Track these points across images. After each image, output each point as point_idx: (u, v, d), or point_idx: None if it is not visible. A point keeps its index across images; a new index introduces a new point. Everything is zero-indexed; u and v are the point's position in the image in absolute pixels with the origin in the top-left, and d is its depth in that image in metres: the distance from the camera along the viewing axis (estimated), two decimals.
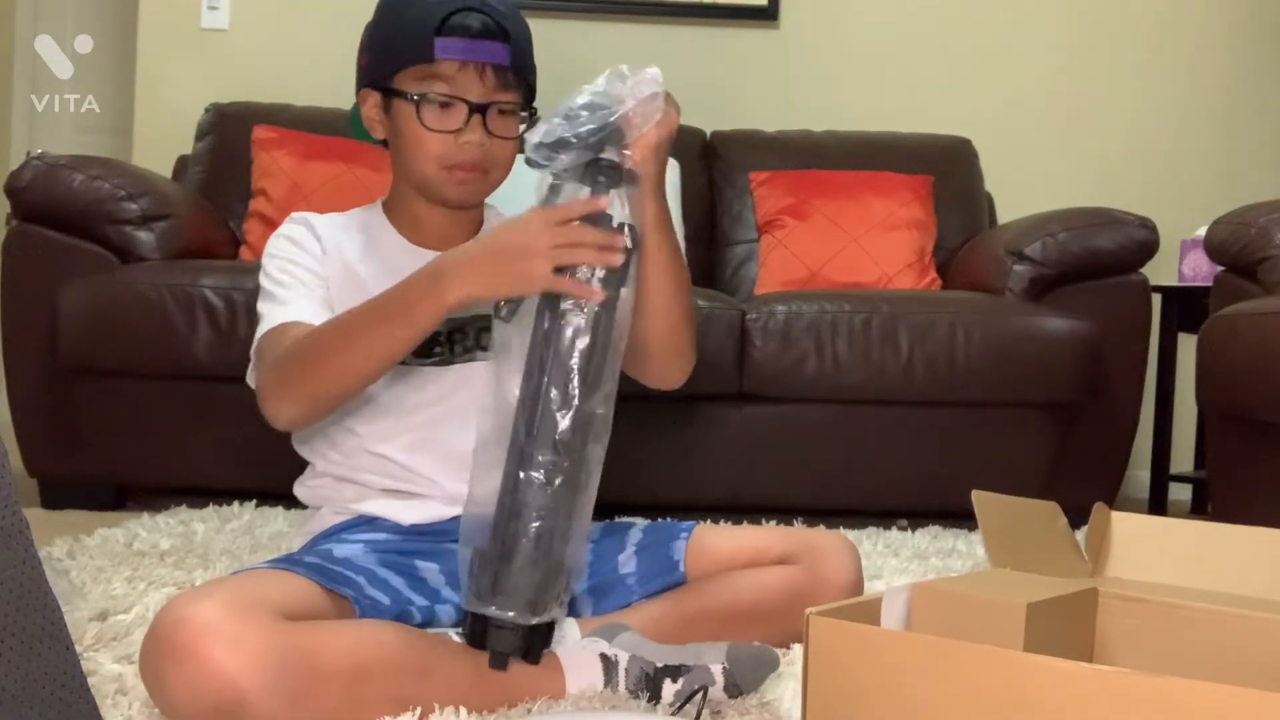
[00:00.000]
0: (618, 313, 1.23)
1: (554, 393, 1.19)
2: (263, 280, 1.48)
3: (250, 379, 1.44)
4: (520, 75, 1.44)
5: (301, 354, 1.35)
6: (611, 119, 1.23)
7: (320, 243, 1.49)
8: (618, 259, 1.23)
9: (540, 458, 1.19)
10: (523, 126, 1.46)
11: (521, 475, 1.19)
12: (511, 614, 1.18)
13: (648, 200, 1.31)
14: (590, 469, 1.21)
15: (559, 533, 1.19)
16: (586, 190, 1.25)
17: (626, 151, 1.26)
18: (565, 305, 1.21)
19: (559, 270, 1.21)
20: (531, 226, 1.24)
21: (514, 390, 1.21)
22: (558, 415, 1.19)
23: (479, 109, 1.41)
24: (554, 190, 1.26)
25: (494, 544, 1.19)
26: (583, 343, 1.20)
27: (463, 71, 1.41)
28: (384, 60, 1.45)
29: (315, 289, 1.45)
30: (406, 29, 1.42)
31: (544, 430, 1.19)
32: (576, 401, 1.19)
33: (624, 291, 1.24)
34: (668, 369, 1.47)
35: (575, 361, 1.20)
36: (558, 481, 1.19)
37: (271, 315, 1.43)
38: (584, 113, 1.22)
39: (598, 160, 1.24)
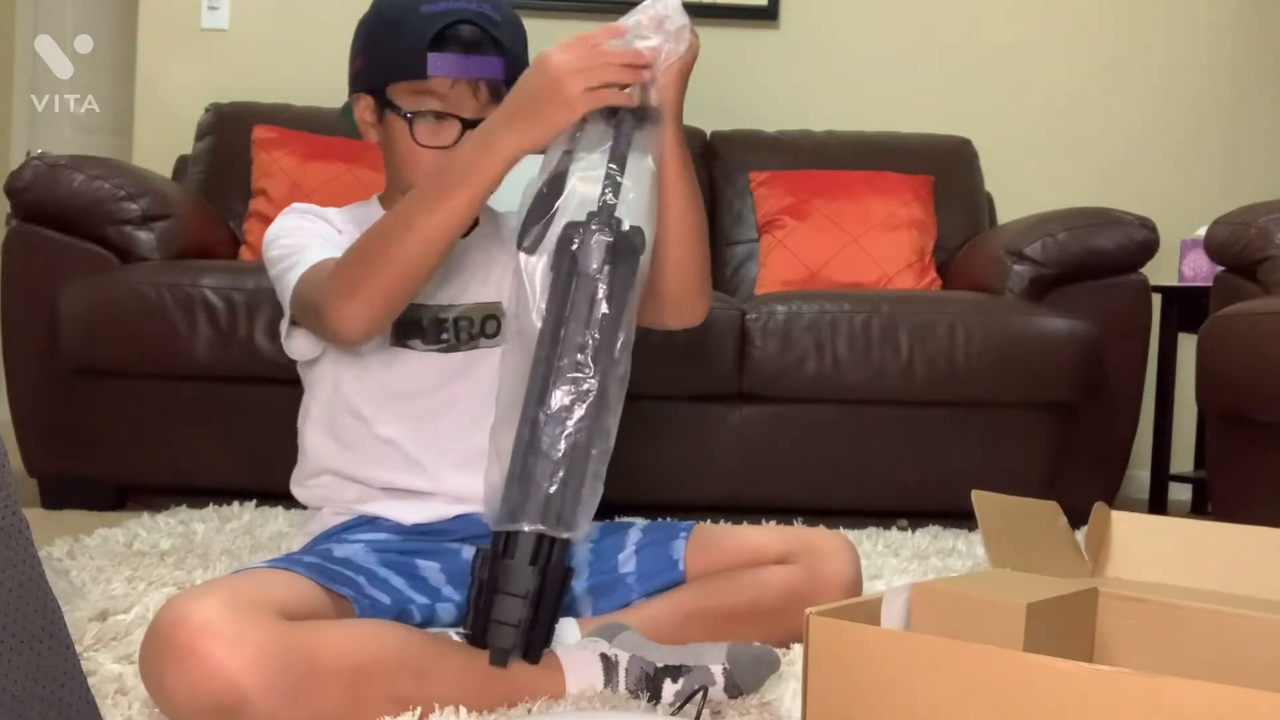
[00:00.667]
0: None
1: (580, 311, 1.19)
2: (274, 253, 1.45)
3: (284, 331, 1.45)
4: None
5: (363, 252, 1.31)
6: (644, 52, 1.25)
7: (329, 223, 1.49)
8: (643, 75, 1.25)
9: (569, 371, 1.17)
10: None
11: (553, 388, 1.17)
12: (543, 527, 1.16)
13: (669, 127, 1.32)
14: (610, 402, 1.18)
15: (587, 447, 1.17)
16: (607, 128, 1.24)
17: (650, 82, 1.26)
18: (586, 240, 1.19)
19: (592, 91, 1.22)
20: (553, 60, 1.24)
21: (536, 322, 1.19)
22: (586, 333, 1.18)
23: (472, 125, 1.40)
24: (578, 129, 1.25)
25: (522, 461, 1.17)
26: (603, 284, 1.19)
27: (456, 88, 1.40)
28: (377, 70, 1.44)
29: (335, 241, 1.43)
30: (400, 42, 1.41)
31: (570, 344, 1.17)
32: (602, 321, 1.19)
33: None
34: (690, 307, 1.47)
35: (601, 288, 1.19)
36: (587, 391, 1.16)
37: (301, 264, 1.39)
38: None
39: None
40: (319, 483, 1.49)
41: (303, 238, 1.44)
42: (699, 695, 1.24)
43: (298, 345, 1.48)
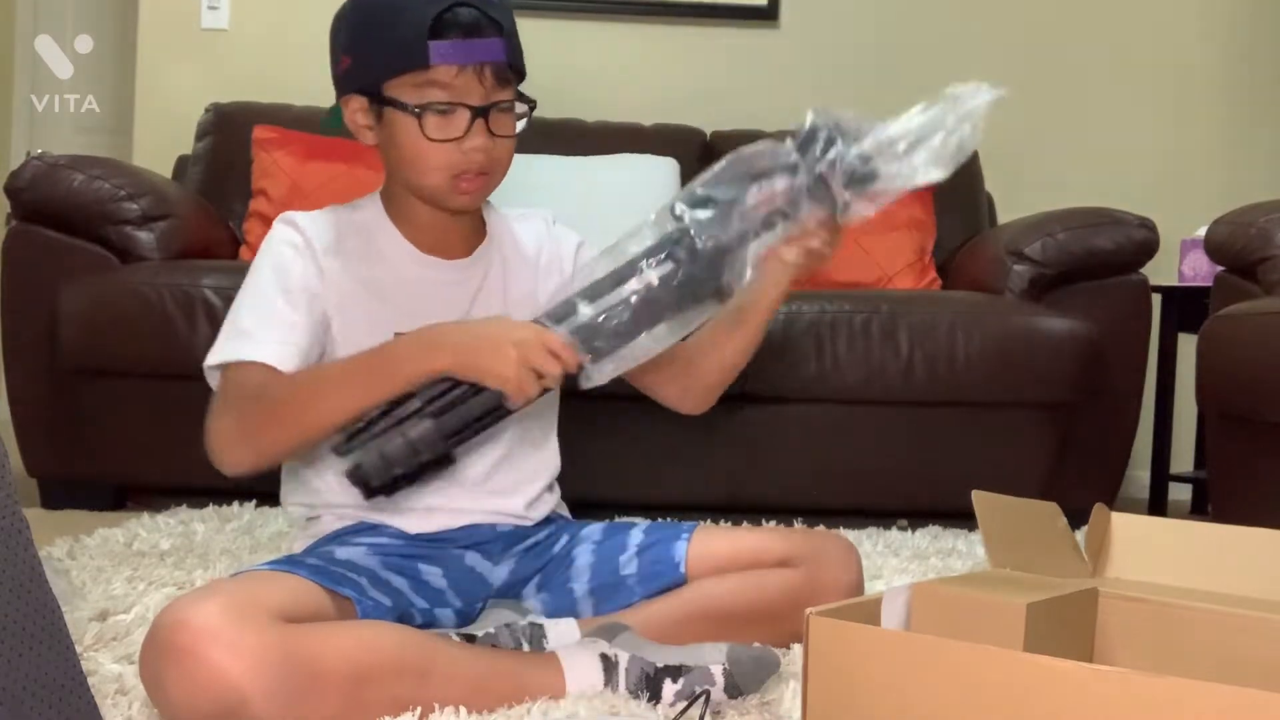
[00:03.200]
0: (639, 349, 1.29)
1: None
2: (251, 280, 1.42)
3: (210, 378, 1.39)
4: (515, 68, 1.39)
5: (271, 403, 1.33)
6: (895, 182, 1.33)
7: (315, 259, 1.41)
8: (553, 384, 1.29)
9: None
10: (521, 122, 1.42)
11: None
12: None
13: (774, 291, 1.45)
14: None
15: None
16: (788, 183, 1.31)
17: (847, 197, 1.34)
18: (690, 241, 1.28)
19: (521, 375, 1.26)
20: (516, 334, 1.27)
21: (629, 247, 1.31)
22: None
23: (481, 112, 1.36)
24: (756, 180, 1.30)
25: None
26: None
27: (461, 75, 1.34)
28: (371, 67, 1.37)
29: (296, 328, 1.37)
30: (396, 34, 1.34)
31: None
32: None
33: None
34: (701, 400, 1.58)
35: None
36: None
37: (241, 345, 1.36)
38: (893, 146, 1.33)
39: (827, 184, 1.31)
40: (320, 484, 1.47)
41: (272, 305, 1.38)
42: (701, 699, 1.24)
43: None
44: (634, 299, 1.27)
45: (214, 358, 1.38)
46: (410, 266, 1.46)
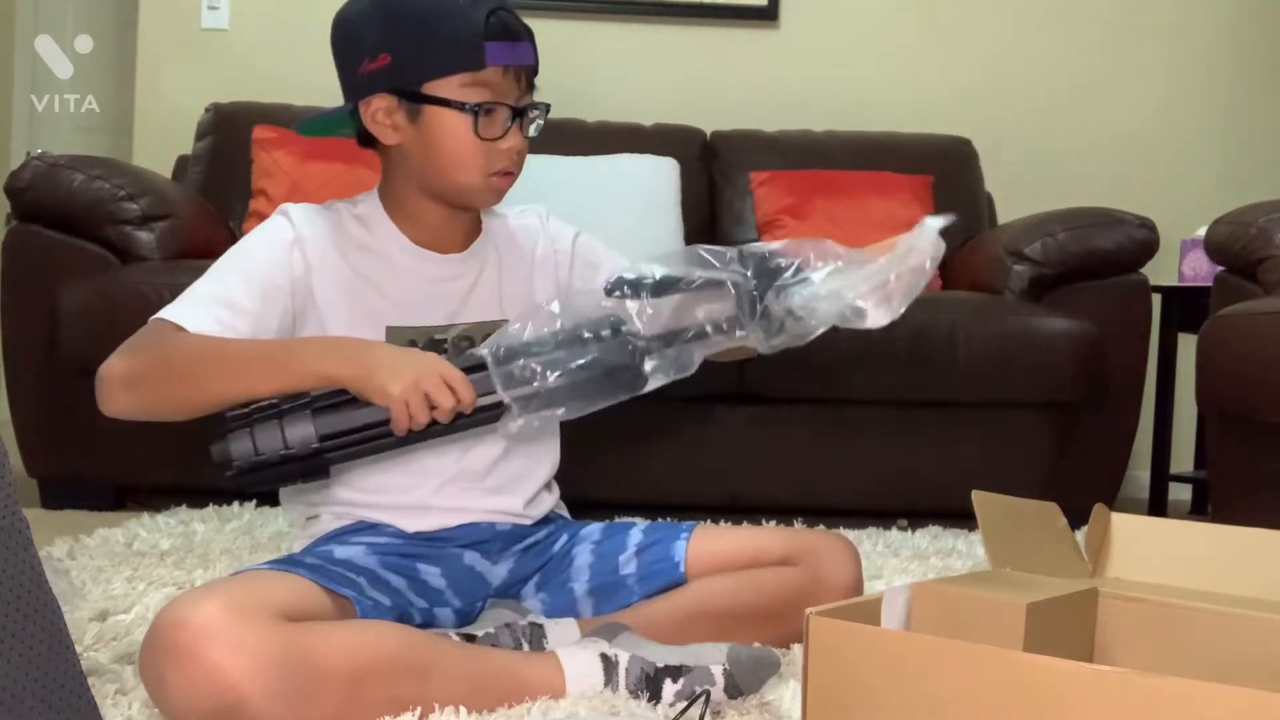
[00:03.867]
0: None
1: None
2: (226, 255, 1.43)
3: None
4: (536, 72, 1.44)
5: (167, 357, 1.33)
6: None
7: (305, 259, 1.42)
8: (443, 418, 1.28)
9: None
10: (534, 126, 1.44)
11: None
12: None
13: None
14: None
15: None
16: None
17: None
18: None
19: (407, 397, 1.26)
20: (418, 360, 1.28)
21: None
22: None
23: (520, 113, 1.40)
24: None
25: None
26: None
27: (505, 76, 1.38)
28: (417, 66, 1.38)
29: (242, 315, 1.36)
30: (450, 33, 1.36)
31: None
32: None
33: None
34: None
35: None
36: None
37: (182, 309, 1.36)
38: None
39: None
40: (314, 500, 1.47)
41: (230, 292, 1.38)
42: (701, 699, 1.24)
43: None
44: (556, 374, 1.28)
45: (159, 314, 1.38)
46: (404, 260, 1.47)
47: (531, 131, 1.44)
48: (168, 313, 1.37)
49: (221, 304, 1.37)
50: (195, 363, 1.32)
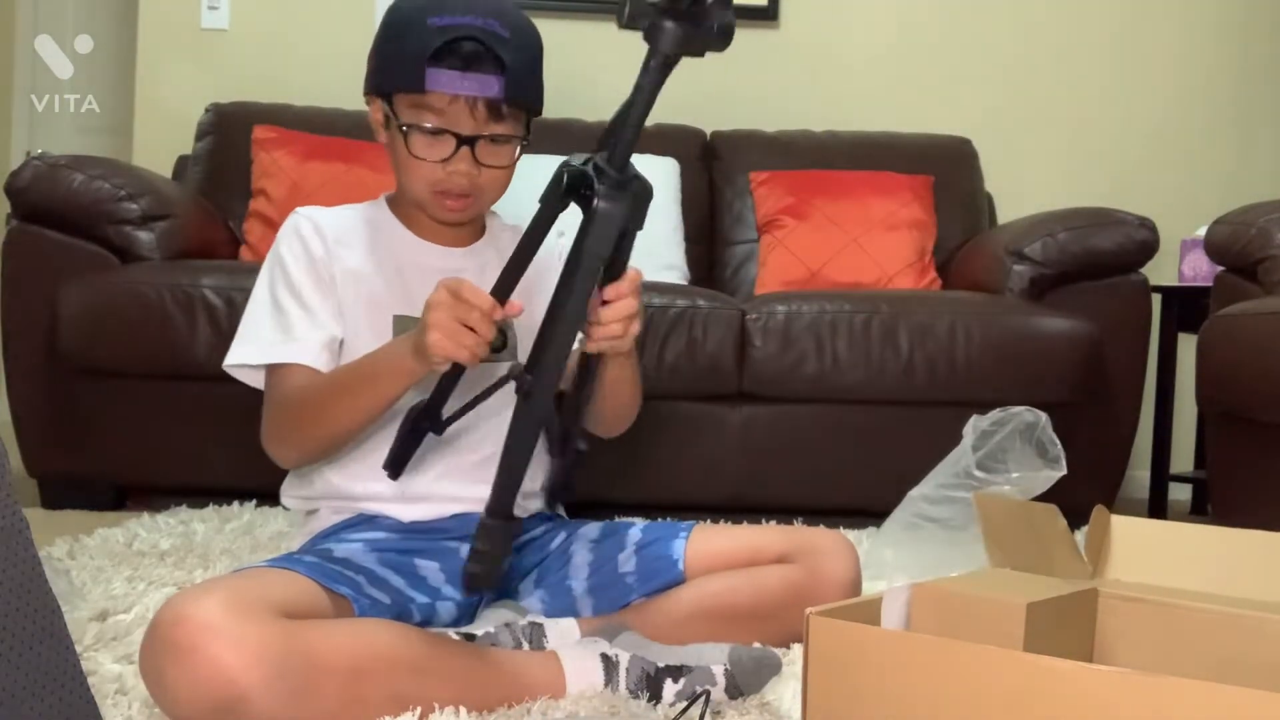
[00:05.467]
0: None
1: None
2: (270, 273, 1.47)
3: (237, 374, 1.48)
4: (517, 104, 1.42)
5: (300, 410, 1.41)
6: None
7: (326, 245, 1.48)
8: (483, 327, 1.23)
9: None
10: (518, 150, 1.45)
11: None
12: None
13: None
14: None
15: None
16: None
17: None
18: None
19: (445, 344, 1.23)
20: (432, 300, 1.25)
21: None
22: None
23: (468, 141, 1.40)
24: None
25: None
26: None
27: (454, 104, 1.39)
28: (382, 78, 1.45)
29: (320, 313, 1.45)
30: (402, 53, 1.39)
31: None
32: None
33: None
34: (612, 430, 1.57)
35: None
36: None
37: (282, 345, 1.43)
38: None
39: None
40: (316, 477, 1.49)
41: (298, 298, 1.45)
42: (702, 698, 1.24)
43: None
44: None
45: (248, 358, 1.45)
46: (408, 252, 1.51)
47: (504, 159, 1.44)
48: (270, 356, 1.44)
49: (301, 322, 1.44)
50: (317, 410, 1.40)
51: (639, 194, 1.19)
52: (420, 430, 1.36)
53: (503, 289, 1.25)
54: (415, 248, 1.52)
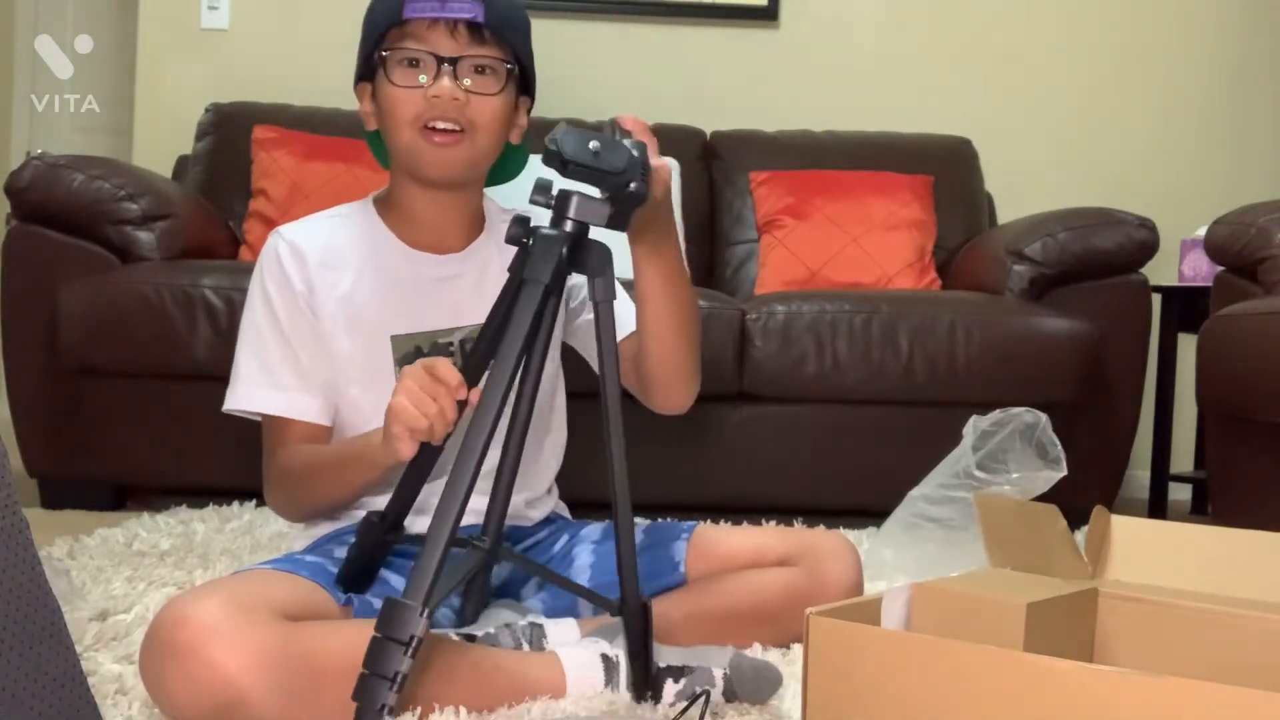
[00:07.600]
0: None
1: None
2: (253, 313, 1.46)
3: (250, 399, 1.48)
4: (500, 34, 1.41)
5: (298, 484, 1.44)
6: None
7: (308, 274, 1.45)
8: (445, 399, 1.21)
9: None
10: (476, 79, 1.41)
11: None
12: None
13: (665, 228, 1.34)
14: None
15: None
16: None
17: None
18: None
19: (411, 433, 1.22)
20: (392, 400, 1.23)
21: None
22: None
23: (449, 60, 1.39)
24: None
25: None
26: None
27: (433, 29, 1.39)
28: (365, 40, 1.45)
29: (302, 356, 1.44)
30: (384, 3, 1.41)
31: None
32: None
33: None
34: (671, 395, 1.55)
35: None
36: None
37: (273, 393, 1.44)
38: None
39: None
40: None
41: (277, 341, 1.45)
42: (702, 698, 1.24)
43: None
44: None
45: (240, 404, 1.48)
46: (402, 265, 1.47)
47: (492, 88, 1.40)
48: (258, 404, 1.46)
49: (286, 369, 1.45)
50: (311, 480, 1.43)
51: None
52: (385, 543, 1.32)
53: (472, 369, 1.22)
54: (409, 259, 1.47)
